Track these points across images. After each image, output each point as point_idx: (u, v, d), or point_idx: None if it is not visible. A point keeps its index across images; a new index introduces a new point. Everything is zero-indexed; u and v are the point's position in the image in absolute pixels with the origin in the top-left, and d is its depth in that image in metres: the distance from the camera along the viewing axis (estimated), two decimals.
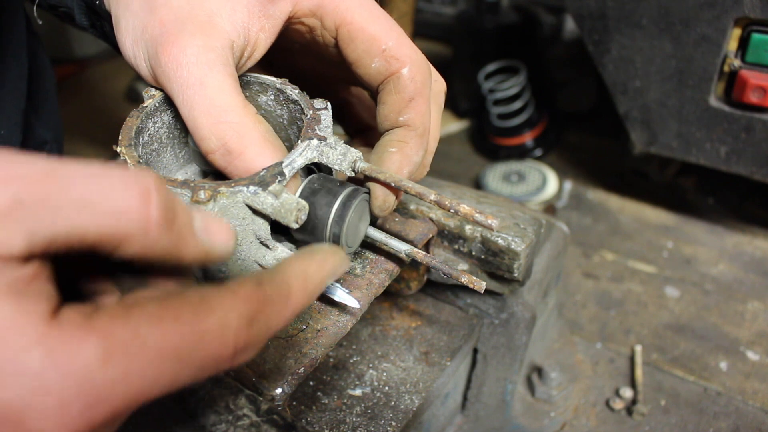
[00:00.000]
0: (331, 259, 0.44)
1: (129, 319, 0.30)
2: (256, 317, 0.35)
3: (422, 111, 0.54)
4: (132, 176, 0.31)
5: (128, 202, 0.30)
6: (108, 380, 0.29)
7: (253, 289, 0.36)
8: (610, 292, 1.08)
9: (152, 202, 0.31)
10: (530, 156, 1.45)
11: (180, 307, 0.32)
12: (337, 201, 0.50)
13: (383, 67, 0.53)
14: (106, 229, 0.30)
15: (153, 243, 0.32)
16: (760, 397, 0.88)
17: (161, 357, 0.31)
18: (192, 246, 0.35)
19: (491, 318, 0.76)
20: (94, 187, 0.30)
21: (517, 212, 0.71)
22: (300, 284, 0.40)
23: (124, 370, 0.29)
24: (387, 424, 0.64)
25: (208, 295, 0.34)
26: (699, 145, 1.03)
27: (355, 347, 0.73)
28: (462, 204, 0.50)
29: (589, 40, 1.04)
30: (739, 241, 1.18)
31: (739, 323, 1.01)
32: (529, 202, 1.30)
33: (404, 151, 0.54)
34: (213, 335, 0.33)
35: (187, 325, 0.32)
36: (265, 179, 0.47)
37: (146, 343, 0.30)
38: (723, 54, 0.93)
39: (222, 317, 0.33)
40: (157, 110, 0.55)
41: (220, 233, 0.37)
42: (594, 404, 0.88)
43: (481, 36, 1.52)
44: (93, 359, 0.28)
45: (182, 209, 0.34)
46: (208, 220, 0.36)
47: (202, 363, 0.33)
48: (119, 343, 0.29)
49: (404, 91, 0.53)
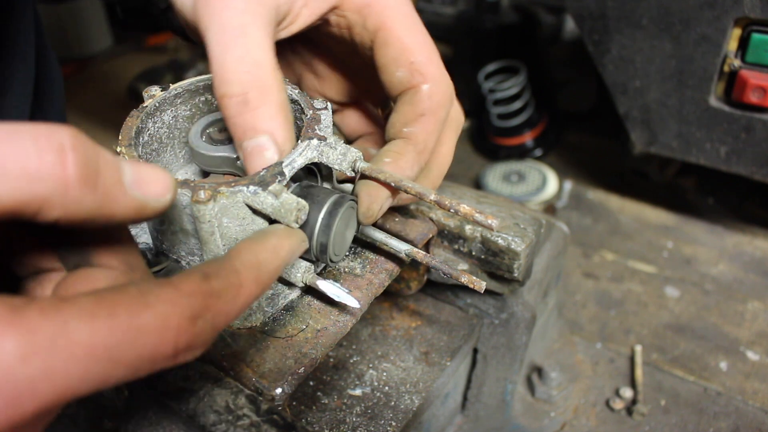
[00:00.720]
0: (287, 243, 0.43)
1: (58, 314, 0.29)
2: (201, 314, 0.33)
3: (428, 129, 0.55)
4: (44, 133, 0.29)
5: (41, 162, 0.29)
6: (28, 377, 0.28)
7: (198, 283, 0.34)
8: (610, 292, 1.08)
9: (68, 159, 0.29)
10: (530, 156, 1.45)
11: (116, 302, 0.30)
12: (323, 209, 0.49)
13: (406, 78, 0.54)
14: (20, 193, 0.28)
15: (76, 203, 0.30)
16: (760, 397, 0.88)
17: (89, 354, 0.29)
18: (122, 202, 0.33)
19: (491, 318, 0.76)
20: (2, 150, 0.28)
21: (517, 212, 0.71)
22: (251, 274, 0.38)
23: (47, 367, 0.28)
24: (387, 424, 0.64)
25: (147, 289, 0.32)
26: (699, 145, 1.03)
27: (355, 347, 0.73)
28: (462, 204, 0.50)
29: (589, 40, 1.04)
30: (739, 241, 1.18)
31: (739, 323, 1.01)
32: (529, 202, 1.30)
33: (398, 162, 0.54)
34: (150, 333, 0.31)
35: (120, 322, 0.30)
36: (265, 179, 0.47)
37: (73, 339, 0.28)
38: (723, 54, 0.93)
39: (161, 314, 0.32)
40: (157, 110, 0.55)
41: (154, 185, 0.34)
42: (594, 404, 0.88)
43: (481, 36, 1.52)
44: (12, 355, 0.27)
45: (107, 163, 0.32)
46: (140, 170, 0.34)
47: (138, 362, 0.31)
48: (44, 339, 0.28)
49: (418, 105, 0.54)
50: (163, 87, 0.56)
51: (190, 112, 0.58)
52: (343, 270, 0.59)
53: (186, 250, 0.52)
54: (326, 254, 0.50)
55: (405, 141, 0.55)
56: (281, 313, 0.55)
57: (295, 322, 0.54)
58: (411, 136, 0.55)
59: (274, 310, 0.55)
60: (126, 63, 1.93)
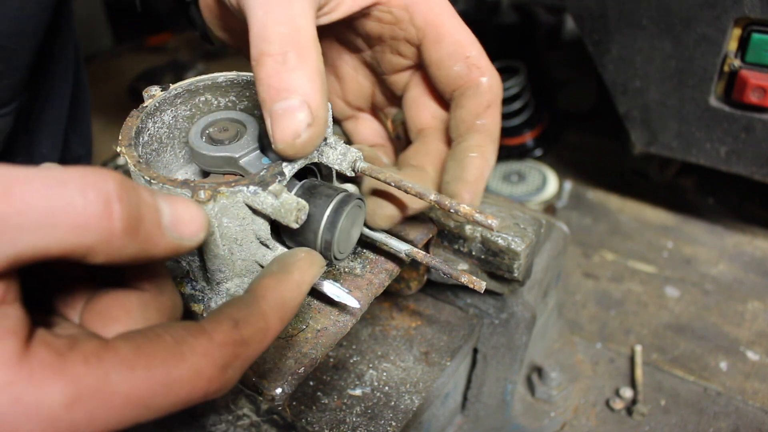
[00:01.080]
0: (309, 276, 0.43)
1: (101, 363, 0.31)
2: (231, 363, 0.35)
3: (497, 119, 0.57)
4: (91, 183, 0.30)
5: (89, 214, 0.30)
6: (73, 423, 0.30)
7: (230, 333, 0.36)
8: (610, 292, 1.08)
9: (114, 210, 0.30)
10: (530, 156, 1.45)
11: (153, 353, 0.32)
12: (329, 207, 0.49)
13: (464, 73, 0.56)
14: (68, 243, 0.29)
15: (119, 250, 0.31)
16: (760, 397, 0.88)
17: (128, 403, 0.31)
18: (161, 245, 0.34)
19: (491, 318, 0.75)
20: (52, 201, 0.29)
21: (517, 212, 0.71)
22: (278, 315, 0.39)
23: (89, 414, 0.30)
24: (387, 424, 0.64)
25: (182, 339, 0.34)
26: (699, 145, 1.03)
27: (355, 347, 0.73)
28: (462, 204, 0.50)
29: (589, 40, 1.04)
30: (739, 241, 1.18)
31: (739, 323, 1.01)
32: (529, 202, 1.30)
33: (485, 155, 0.56)
34: (184, 383, 0.33)
35: (157, 374, 0.32)
36: (265, 179, 0.47)
37: (115, 390, 0.31)
38: (723, 54, 0.93)
39: (195, 365, 0.33)
40: (157, 110, 0.55)
41: (189, 224, 0.35)
42: (594, 404, 0.88)
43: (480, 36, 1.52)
44: (59, 404, 0.29)
45: (148, 209, 0.33)
46: (176, 210, 0.35)
47: (171, 407, 0.33)
48: (87, 389, 0.30)
49: (483, 97, 0.56)
50: (163, 87, 0.56)
51: (190, 112, 0.58)
52: (343, 270, 0.59)
53: None
54: (330, 251, 0.50)
55: (481, 133, 0.56)
56: None
57: (295, 322, 0.54)
58: (485, 128, 0.56)
59: None
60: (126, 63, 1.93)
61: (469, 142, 0.56)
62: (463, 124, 0.57)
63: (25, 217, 0.28)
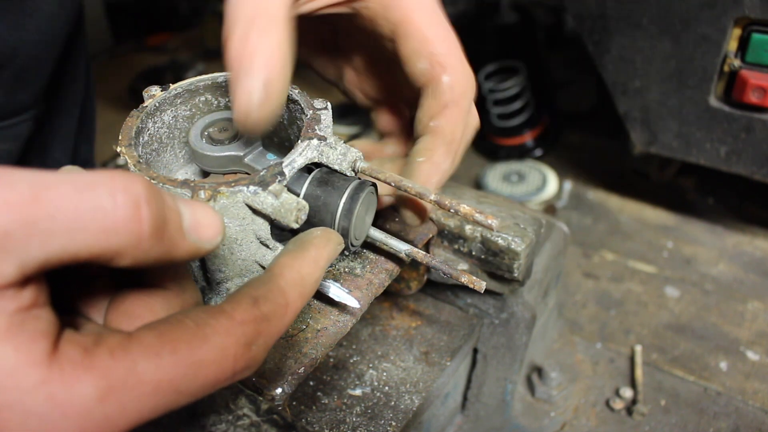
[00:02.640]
0: (326, 252, 0.44)
1: (127, 355, 0.31)
2: (254, 340, 0.36)
3: (454, 120, 0.55)
4: (120, 187, 0.30)
5: (118, 217, 0.30)
6: (106, 416, 0.30)
7: (250, 310, 0.36)
8: (610, 292, 1.08)
9: (143, 214, 0.31)
10: (530, 156, 1.45)
11: (177, 338, 0.33)
12: (345, 194, 0.50)
13: (427, 70, 0.54)
14: (97, 247, 0.30)
15: (145, 253, 0.32)
16: (760, 397, 0.88)
17: (158, 390, 0.32)
18: (182, 248, 0.34)
19: (491, 318, 0.75)
20: (81, 205, 0.29)
21: (517, 212, 0.71)
22: (296, 291, 0.40)
23: (121, 405, 0.31)
24: (387, 424, 0.64)
25: (204, 321, 0.34)
26: (699, 145, 1.03)
27: (355, 347, 0.73)
28: (462, 204, 0.50)
29: (589, 40, 1.04)
30: (739, 241, 1.18)
31: (739, 323, 1.01)
32: (529, 202, 1.30)
33: (432, 159, 0.54)
34: (210, 364, 0.33)
35: (183, 357, 0.32)
36: (265, 179, 0.47)
37: (144, 378, 0.31)
38: (723, 54, 0.93)
39: (219, 345, 0.34)
40: (157, 110, 0.55)
41: (208, 229, 0.36)
42: (594, 404, 0.88)
43: (481, 36, 1.52)
44: (91, 397, 0.30)
45: (172, 213, 0.33)
46: (196, 214, 0.35)
47: (201, 389, 0.34)
48: (117, 381, 0.30)
49: (441, 97, 0.54)
50: (163, 87, 0.56)
51: (190, 112, 0.58)
52: (343, 270, 0.59)
53: None
54: (348, 238, 0.51)
55: (433, 135, 0.55)
56: None
57: (295, 322, 0.54)
58: (438, 130, 0.55)
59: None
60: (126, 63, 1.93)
61: (419, 145, 0.55)
62: (419, 125, 0.56)
63: (55, 221, 0.28)
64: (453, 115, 0.55)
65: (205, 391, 0.34)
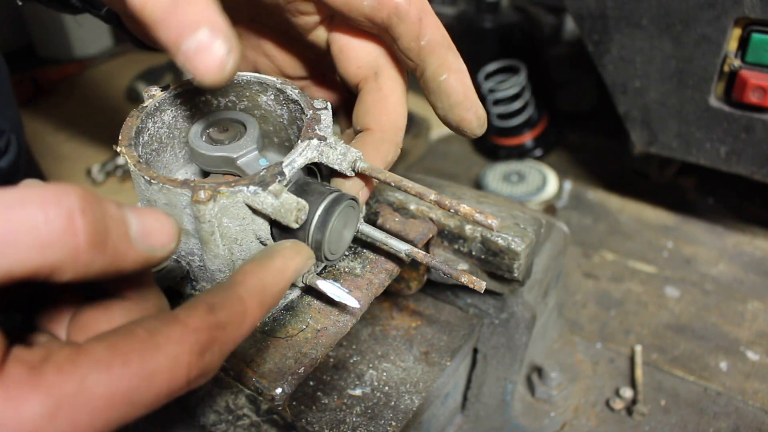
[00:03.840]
0: (292, 264, 0.43)
1: (76, 369, 0.30)
2: (208, 347, 0.35)
3: (436, 25, 0.53)
4: (51, 199, 0.29)
5: (51, 231, 0.29)
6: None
7: (204, 317, 0.35)
8: (610, 292, 1.08)
9: (77, 226, 0.30)
10: (530, 156, 1.45)
11: (128, 348, 0.32)
12: (321, 206, 0.49)
13: (376, 3, 0.51)
14: (32, 263, 0.29)
15: (86, 266, 0.31)
16: (760, 397, 0.88)
17: (111, 404, 0.31)
18: (131, 257, 0.33)
19: (491, 318, 0.76)
20: (11, 222, 0.28)
21: (517, 212, 0.71)
22: (256, 299, 0.39)
23: (71, 422, 0.30)
24: (387, 424, 0.64)
25: (156, 329, 0.33)
26: (699, 145, 1.03)
27: (355, 347, 0.73)
28: (462, 204, 0.50)
29: (589, 40, 1.04)
30: (739, 241, 1.18)
31: (739, 323, 1.01)
32: (529, 202, 1.30)
33: (452, 67, 0.52)
34: (163, 372, 0.32)
35: (134, 369, 0.31)
36: (265, 179, 0.47)
37: (94, 393, 0.30)
38: (723, 54, 0.93)
39: (171, 353, 0.33)
40: (157, 110, 0.55)
41: (159, 234, 0.35)
42: (594, 404, 0.88)
43: (481, 36, 1.52)
44: (39, 417, 0.29)
45: (114, 222, 0.32)
46: (145, 221, 0.34)
47: (155, 399, 0.33)
48: (65, 397, 0.29)
49: (410, 15, 0.51)
50: (163, 87, 0.56)
51: (190, 112, 0.58)
52: (343, 270, 0.59)
53: (186, 250, 0.52)
54: (321, 252, 0.50)
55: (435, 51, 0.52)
56: (281, 313, 0.55)
57: (295, 322, 0.54)
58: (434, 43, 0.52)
59: (274, 310, 0.55)
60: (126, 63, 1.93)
61: (431, 67, 0.53)
62: (411, 52, 0.53)
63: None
64: (432, 23, 0.53)
65: (160, 401, 0.33)
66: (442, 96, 0.53)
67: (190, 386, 0.34)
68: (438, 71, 0.52)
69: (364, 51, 0.57)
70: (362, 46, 0.57)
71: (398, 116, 0.56)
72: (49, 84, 1.76)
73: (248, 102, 0.59)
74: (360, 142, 0.55)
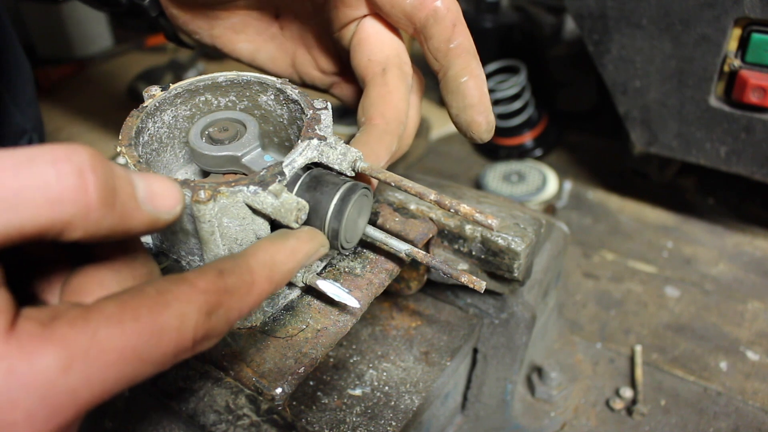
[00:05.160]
0: (305, 247, 0.44)
1: (87, 324, 0.31)
2: (215, 309, 0.35)
3: (467, 35, 0.57)
4: (62, 156, 0.30)
5: (63, 187, 0.29)
6: (70, 387, 0.30)
7: (213, 280, 0.36)
8: (610, 292, 1.08)
9: (89, 182, 0.30)
10: (530, 156, 1.45)
11: (138, 304, 0.32)
12: (336, 195, 0.49)
13: (417, 3, 0.56)
14: (44, 219, 0.29)
15: (96, 224, 0.31)
16: (760, 397, 0.88)
17: (121, 358, 0.31)
18: (137, 218, 0.34)
19: (491, 318, 0.75)
20: (23, 178, 0.29)
21: (517, 212, 0.71)
22: (265, 272, 0.40)
23: (84, 375, 0.30)
24: (387, 424, 0.64)
25: (165, 288, 0.34)
26: (699, 145, 1.03)
27: (355, 347, 0.73)
28: (462, 204, 0.50)
29: (589, 40, 1.04)
30: (739, 241, 1.18)
31: (739, 323, 1.01)
32: (529, 202, 1.30)
33: (474, 73, 0.56)
34: (172, 330, 0.33)
35: (145, 324, 0.32)
36: (265, 179, 0.47)
37: (106, 346, 0.30)
38: (723, 54, 0.93)
39: (180, 311, 0.33)
40: (157, 110, 0.55)
41: (165, 198, 0.36)
42: (594, 404, 0.88)
43: (481, 36, 1.52)
44: (53, 369, 0.29)
45: (123, 181, 0.33)
46: (152, 184, 0.35)
47: (163, 357, 0.33)
48: (78, 350, 0.30)
49: (446, 19, 0.56)
50: (163, 87, 0.56)
51: (190, 112, 0.58)
52: (343, 270, 0.59)
53: (186, 250, 0.52)
54: (338, 240, 0.50)
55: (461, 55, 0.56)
56: (281, 313, 0.55)
57: (295, 322, 0.54)
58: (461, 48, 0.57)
59: (274, 310, 0.55)
60: (126, 63, 1.93)
61: (454, 69, 0.56)
62: (439, 53, 0.57)
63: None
64: (464, 31, 0.57)
65: (167, 359, 0.33)
66: (459, 96, 0.56)
67: (194, 349, 0.35)
68: (460, 73, 0.56)
69: (378, 47, 0.60)
70: (378, 42, 0.60)
71: (401, 111, 0.58)
72: (49, 84, 1.76)
73: (248, 102, 0.59)
74: (365, 133, 0.57)
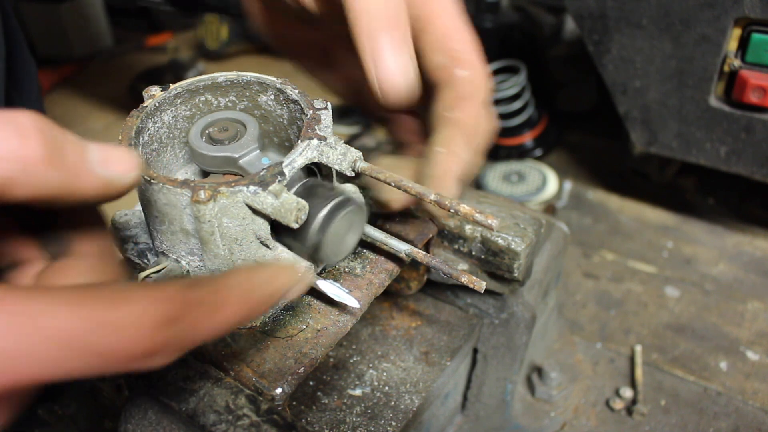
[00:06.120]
0: (284, 277, 0.42)
1: (41, 297, 0.30)
2: (176, 319, 0.33)
3: (472, 112, 0.55)
4: (4, 119, 0.31)
5: (4, 146, 0.30)
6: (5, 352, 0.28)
7: (180, 290, 0.35)
8: (610, 292, 1.08)
9: (31, 140, 0.31)
10: (530, 156, 1.45)
11: (97, 295, 0.31)
12: (324, 209, 0.49)
13: (443, 64, 0.55)
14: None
15: (42, 181, 0.32)
16: (760, 397, 0.88)
17: (65, 340, 0.30)
18: (88, 180, 0.34)
19: (491, 318, 0.75)
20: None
21: (517, 212, 0.71)
22: (239, 294, 0.38)
23: (24, 345, 0.29)
24: (387, 424, 0.64)
25: (130, 288, 0.33)
26: (699, 145, 1.03)
27: (355, 347, 0.73)
28: (462, 204, 0.50)
29: (589, 40, 1.03)
30: (739, 241, 1.18)
31: (739, 323, 1.01)
32: (529, 202, 1.30)
33: (451, 148, 0.54)
34: (126, 326, 0.31)
35: (99, 313, 0.31)
36: (265, 179, 0.47)
37: (52, 323, 0.29)
38: (723, 54, 0.93)
39: (139, 310, 0.32)
40: (157, 110, 0.55)
41: (119, 163, 0.36)
42: (594, 404, 0.88)
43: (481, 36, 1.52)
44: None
45: (72, 143, 0.33)
46: (107, 151, 0.35)
47: (110, 355, 0.31)
48: (24, 319, 0.29)
49: (457, 89, 0.54)
50: (163, 87, 0.56)
51: (190, 112, 0.58)
52: (343, 270, 0.59)
53: (186, 250, 0.52)
54: (319, 254, 0.50)
55: (452, 126, 0.55)
56: (281, 313, 0.55)
57: (295, 322, 0.54)
58: (455, 121, 0.55)
59: (274, 310, 0.55)
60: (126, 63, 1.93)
61: (436, 137, 0.55)
62: (435, 117, 0.56)
63: None
64: (471, 107, 0.55)
65: (117, 360, 0.31)
66: (427, 162, 0.55)
67: (147, 359, 0.33)
68: (438, 142, 0.55)
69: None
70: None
71: None
72: (49, 84, 1.76)
73: (248, 102, 0.59)
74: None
